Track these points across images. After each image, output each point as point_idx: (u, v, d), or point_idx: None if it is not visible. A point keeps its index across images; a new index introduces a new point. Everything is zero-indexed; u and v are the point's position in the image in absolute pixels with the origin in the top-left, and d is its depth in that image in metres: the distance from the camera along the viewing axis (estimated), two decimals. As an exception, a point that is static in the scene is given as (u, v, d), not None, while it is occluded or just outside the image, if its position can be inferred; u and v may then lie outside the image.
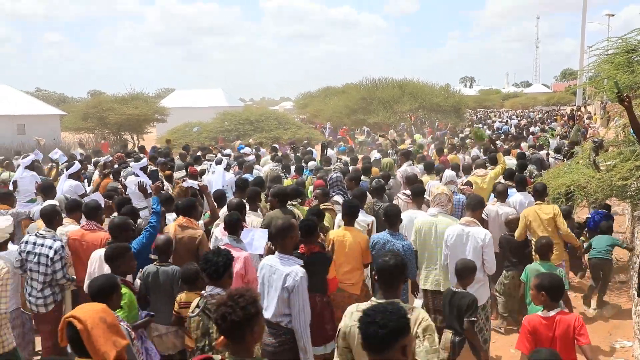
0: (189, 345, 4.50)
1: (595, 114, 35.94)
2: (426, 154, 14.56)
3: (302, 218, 6.09)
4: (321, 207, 6.73)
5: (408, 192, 7.60)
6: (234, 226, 5.17)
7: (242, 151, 14.36)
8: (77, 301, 5.32)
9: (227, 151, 14.59)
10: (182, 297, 4.69)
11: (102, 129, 33.02)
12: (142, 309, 4.73)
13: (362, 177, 8.87)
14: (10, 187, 8.96)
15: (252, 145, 16.96)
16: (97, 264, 5.00)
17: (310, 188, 8.56)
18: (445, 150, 14.09)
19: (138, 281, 5.07)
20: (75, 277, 5.67)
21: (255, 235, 5.23)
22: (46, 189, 7.66)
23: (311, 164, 11.06)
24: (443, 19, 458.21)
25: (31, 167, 9.85)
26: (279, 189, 6.62)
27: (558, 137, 19.79)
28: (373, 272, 3.65)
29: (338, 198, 7.45)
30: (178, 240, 5.55)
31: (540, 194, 7.01)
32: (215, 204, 7.13)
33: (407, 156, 10.88)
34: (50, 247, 5.35)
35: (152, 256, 5.35)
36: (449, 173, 8.91)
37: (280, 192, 6.42)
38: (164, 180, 8.93)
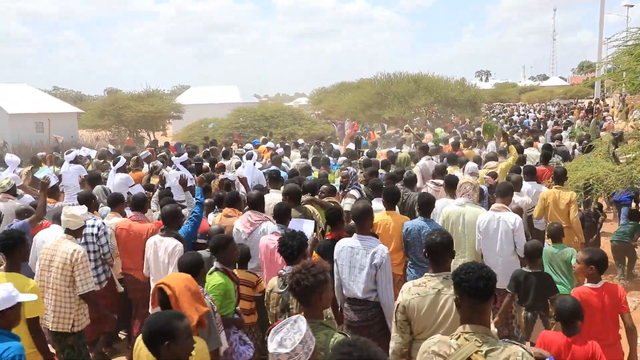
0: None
1: (613, 107, 35.45)
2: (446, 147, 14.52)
3: (316, 214, 6.19)
4: (327, 201, 6.81)
5: (437, 181, 7.98)
6: (283, 216, 5.42)
7: (267, 145, 14.73)
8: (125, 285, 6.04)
9: (248, 146, 14.82)
10: None
11: (119, 126, 33.35)
12: None
13: (381, 170, 9.20)
14: (54, 181, 9.02)
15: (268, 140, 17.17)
16: (152, 249, 5.39)
17: (337, 180, 8.85)
18: (461, 145, 14.07)
19: None
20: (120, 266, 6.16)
21: (303, 226, 5.36)
22: (93, 180, 8.20)
23: (341, 159, 11.35)
24: (458, 13, 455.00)
25: (75, 161, 10.34)
26: (290, 187, 6.50)
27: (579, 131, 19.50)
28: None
29: (354, 192, 7.49)
30: (223, 228, 5.90)
31: (559, 178, 7.41)
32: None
33: (426, 150, 10.90)
34: (93, 226, 5.84)
35: (200, 240, 5.80)
36: (471, 165, 9.28)
37: (292, 191, 6.33)
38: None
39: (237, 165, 10.66)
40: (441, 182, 7.77)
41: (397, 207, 6.51)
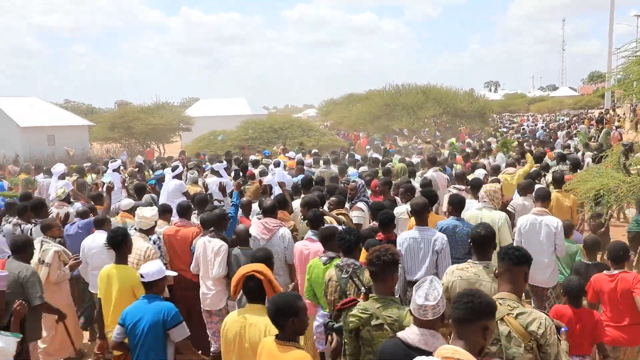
0: None
1: (621, 117, 35.25)
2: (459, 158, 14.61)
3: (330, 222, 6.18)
4: (335, 213, 6.75)
5: (459, 186, 8.54)
6: (316, 222, 5.71)
7: (288, 154, 15.53)
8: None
9: (252, 157, 15.33)
10: None
11: (129, 138, 33.59)
12: None
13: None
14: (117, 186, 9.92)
15: (276, 152, 17.42)
16: (202, 249, 5.91)
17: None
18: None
19: None
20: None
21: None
22: (139, 190, 8.99)
23: (362, 168, 11.75)
24: (466, 23, 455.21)
25: (118, 170, 11.09)
26: (309, 198, 6.65)
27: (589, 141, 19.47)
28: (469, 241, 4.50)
29: (362, 205, 7.40)
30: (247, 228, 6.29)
31: (558, 182, 8.28)
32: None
33: (434, 161, 10.92)
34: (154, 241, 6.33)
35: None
36: (479, 171, 10.17)
37: (310, 202, 6.48)
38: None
39: (262, 174, 11.03)
40: (462, 187, 8.41)
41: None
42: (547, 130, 31.01)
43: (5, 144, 28.58)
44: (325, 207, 7.12)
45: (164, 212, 6.99)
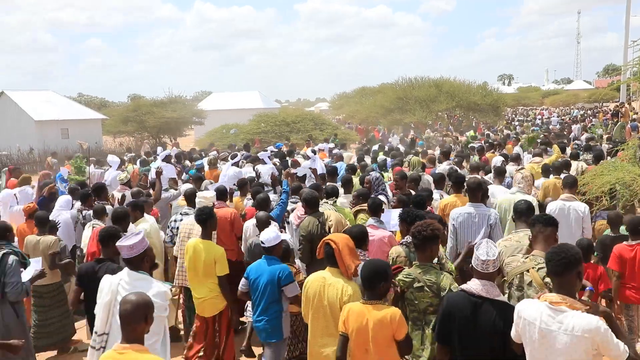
0: None
1: (637, 111, 34.80)
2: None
3: (330, 218, 6.11)
4: (357, 208, 6.70)
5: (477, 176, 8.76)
6: (377, 209, 5.99)
7: (320, 146, 16.44)
8: None
9: (270, 148, 16.03)
10: None
11: (142, 132, 33.77)
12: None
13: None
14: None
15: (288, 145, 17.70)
16: (250, 231, 6.54)
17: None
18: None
19: None
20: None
21: (392, 215, 6.20)
22: (196, 180, 9.61)
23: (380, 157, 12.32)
24: (480, 17, 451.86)
25: (166, 160, 11.72)
26: (308, 194, 6.46)
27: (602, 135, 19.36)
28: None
29: (382, 197, 7.28)
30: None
31: (557, 170, 8.88)
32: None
33: (447, 155, 11.01)
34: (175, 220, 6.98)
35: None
36: (496, 159, 11.13)
37: (308, 198, 6.30)
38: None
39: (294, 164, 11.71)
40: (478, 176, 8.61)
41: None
42: (562, 123, 30.78)
43: (21, 137, 28.88)
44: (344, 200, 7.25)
45: (222, 194, 7.59)
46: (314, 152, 12.99)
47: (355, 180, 8.59)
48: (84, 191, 8.08)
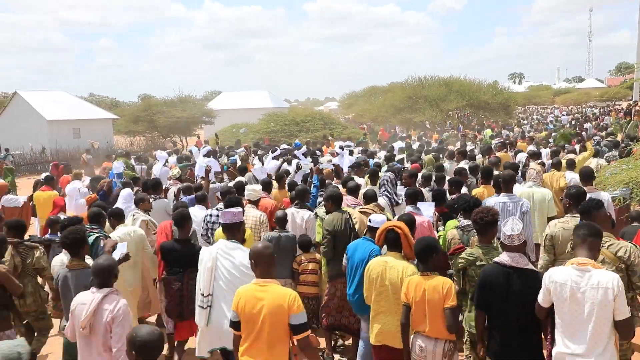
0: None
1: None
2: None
3: (354, 217, 6.19)
4: (360, 210, 6.60)
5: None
6: (415, 198, 6.63)
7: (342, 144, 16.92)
8: None
9: (283, 146, 16.97)
10: (301, 258, 6.43)
11: (152, 131, 33.94)
12: None
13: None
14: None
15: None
16: (290, 218, 6.86)
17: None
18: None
19: None
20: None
21: (426, 206, 6.72)
22: (242, 170, 10.47)
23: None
24: (490, 15, 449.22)
25: (208, 155, 12.81)
26: (332, 192, 6.77)
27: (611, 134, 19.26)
28: (562, 198, 5.95)
29: (382, 200, 7.33)
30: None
31: (556, 166, 9.36)
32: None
33: (464, 155, 11.15)
34: (211, 215, 7.24)
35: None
36: (521, 155, 11.92)
37: (334, 195, 6.55)
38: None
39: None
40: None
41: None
42: (574, 122, 30.68)
43: (33, 137, 29.14)
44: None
45: (266, 186, 8.24)
46: (341, 148, 13.71)
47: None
48: (145, 184, 8.79)
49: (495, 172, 8.11)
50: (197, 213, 7.26)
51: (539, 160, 10.67)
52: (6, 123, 31.83)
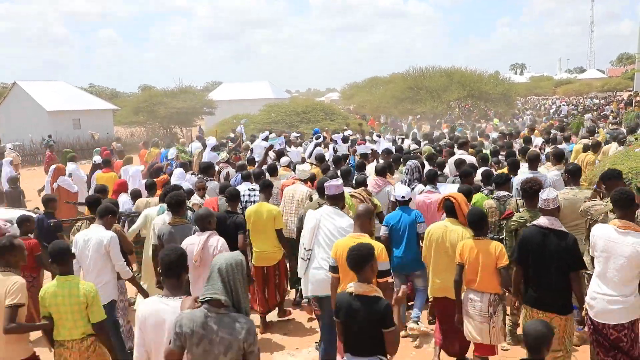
0: None
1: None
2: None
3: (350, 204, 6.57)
4: (350, 193, 6.85)
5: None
6: (433, 179, 7.39)
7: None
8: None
9: (293, 134, 18.26)
10: None
11: (153, 122, 33.86)
12: None
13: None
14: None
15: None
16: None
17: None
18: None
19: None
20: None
21: (448, 187, 7.38)
22: (280, 154, 11.27)
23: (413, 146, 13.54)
24: (493, 6, 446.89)
25: (266, 139, 14.14)
26: (359, 177, 7.69)
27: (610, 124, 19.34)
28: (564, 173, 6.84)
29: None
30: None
31: (594, 148, 10.07)
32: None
33: (464, 145, 11.06)
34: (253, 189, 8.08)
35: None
36: (537, 140, 12.82)
37: (360, 181, 7.42)
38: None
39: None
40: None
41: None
42: (575, 112, 30.65)
43: (33, 128, 29.07)
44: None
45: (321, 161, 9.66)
46: (378, 136, 15.37)
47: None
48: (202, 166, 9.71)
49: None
50: (243, 187, 8.19)
51: (553, 146, 11.32)
52: (5, 114, 31.74)
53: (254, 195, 7.74)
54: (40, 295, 4.23)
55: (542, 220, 4.72)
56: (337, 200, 5.55)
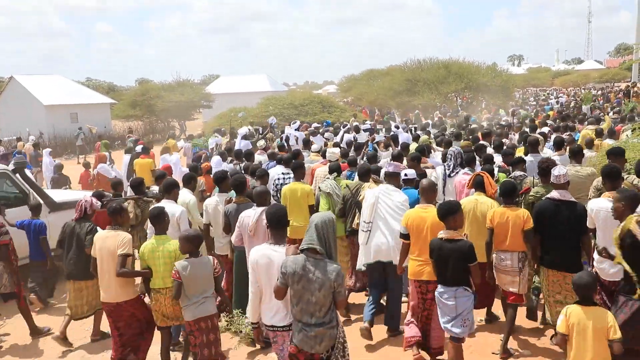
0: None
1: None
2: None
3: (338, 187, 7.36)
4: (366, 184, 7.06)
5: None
6: (471, 162, 7.84)
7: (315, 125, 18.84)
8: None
9: (314, 125, 19.00)
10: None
11: (150, 116, 33.81)
12: None
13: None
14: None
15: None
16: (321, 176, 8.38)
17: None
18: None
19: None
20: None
21: (460, 173, 7.77)
22: (306, 143, 12.42)
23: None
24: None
25: (298, 129, 15.52)
26: (361, 167, 7.93)
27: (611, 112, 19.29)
28: None
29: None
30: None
31: (557, 146, 9.93)
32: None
33: (459, 137, 11.43)
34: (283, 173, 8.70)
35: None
36: (545, 128, 13.11)
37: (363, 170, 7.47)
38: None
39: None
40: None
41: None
42: (569, 103, 30.64)
43: (30, 121, 29.00)
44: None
45: (322, 155, 9.98)
46: (397, 127, 16.38)
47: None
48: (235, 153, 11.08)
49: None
50: (275, 170, 8.88)
51: (567, 133, 11.96)
52: (2, 108, 31.68)
53: (288, 177, 8.26)
54: (141, 251, 5.26)
55: (554, 194, 5.44)
56: (393, 178, 6.29)
